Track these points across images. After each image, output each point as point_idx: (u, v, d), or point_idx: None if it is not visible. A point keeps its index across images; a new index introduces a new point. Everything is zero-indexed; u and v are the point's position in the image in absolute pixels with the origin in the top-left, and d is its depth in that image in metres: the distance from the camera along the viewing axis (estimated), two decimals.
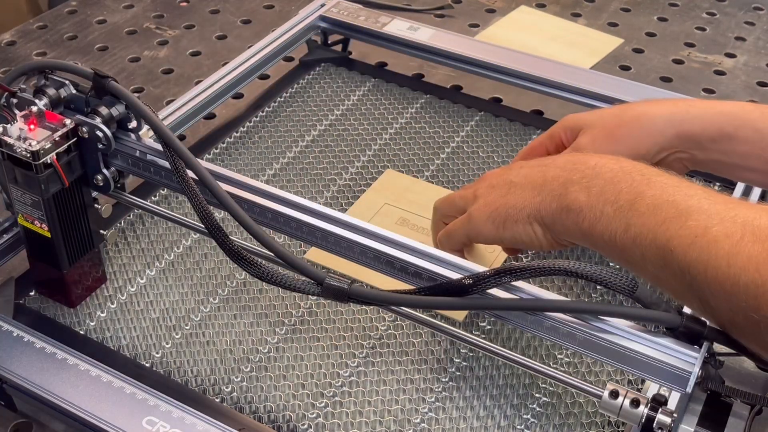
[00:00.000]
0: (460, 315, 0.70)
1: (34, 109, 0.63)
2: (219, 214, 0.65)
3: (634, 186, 0.56)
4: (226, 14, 1.18)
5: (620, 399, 0.54)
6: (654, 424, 0.53)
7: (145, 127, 0.66)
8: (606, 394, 0.55)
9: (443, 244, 0.68)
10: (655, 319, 0.54)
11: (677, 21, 1.21)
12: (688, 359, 0.53)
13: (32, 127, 0.62)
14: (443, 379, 0.66)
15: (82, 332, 0.69)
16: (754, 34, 1.18)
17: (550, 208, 0.60)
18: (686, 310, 0.56)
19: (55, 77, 0.65)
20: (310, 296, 0.70)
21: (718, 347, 0.55)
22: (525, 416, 0.64)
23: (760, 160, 0.67)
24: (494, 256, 0.75)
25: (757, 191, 0.76)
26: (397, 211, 0.80)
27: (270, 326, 0.70)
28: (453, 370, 0.67)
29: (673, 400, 0.56)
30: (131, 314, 0.71)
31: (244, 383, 0.66)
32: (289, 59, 1.03)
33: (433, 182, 0.86)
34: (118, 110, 0.65)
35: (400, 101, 0.97)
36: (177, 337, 0.69)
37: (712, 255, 0.50)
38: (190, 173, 0.61)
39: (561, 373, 0.59)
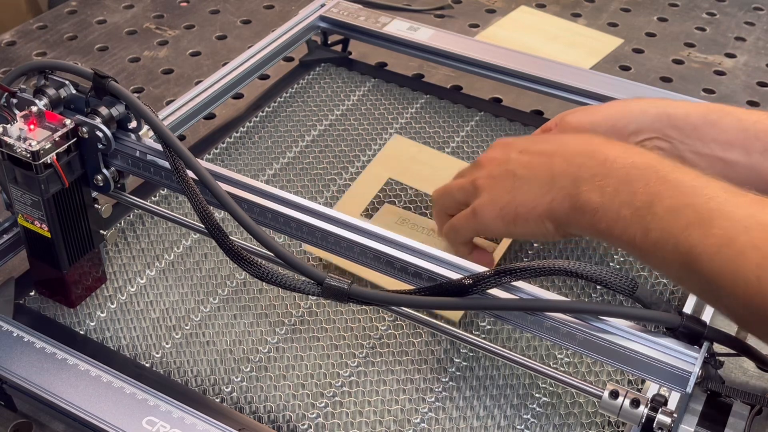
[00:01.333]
0: (455, 316, 0.70)
1: (34, 109, 0.63)
2: (219, 214, 0.65)
3: (649, 186, 0.54)
4: (226, 14, 1.18)
5: (620, 399, 0.54)
6: (654, 424, 0.53)
7: (145, 127, 0.66)
8: (606, 394, 0.55)
9: (450, 238, 0.68)
10: (655, 319, 0.54)
11: (677, 21, 1.21)
12: (688, 359, 0.53)
13: (32, 127, 0.62)
14: (443, 379, 0.66)
15: (82, 332, 0.69)
16: (754, 34, 1.18)
17: (562, 207, 0.59)
18: (686, 310, 0.56)
19: (55, 77, 0.65)
20: (310, 296, 0.70)
21: (718, 347, 0.55)
22: (525, 416, 0.64)
23: (743, 151, 0.66)
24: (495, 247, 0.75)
25: None
26: (398, 211, 0.80)
27: (270, 326, 0.70)
28: (453, 370, 0.67)
29: (673, 400, 0.56)
30: (131, 314, 0.71)
31: (244, 383, 0.66)
32: (289, 59, 1.03)
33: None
34: (118, 110, 0.65)
35: (400, 101, 0.97)
36: (177, 337, 0.69)
37: (740, 267, 0.48)
38: (190, 173, 0.61)
39: (561, 373, 0.59)
